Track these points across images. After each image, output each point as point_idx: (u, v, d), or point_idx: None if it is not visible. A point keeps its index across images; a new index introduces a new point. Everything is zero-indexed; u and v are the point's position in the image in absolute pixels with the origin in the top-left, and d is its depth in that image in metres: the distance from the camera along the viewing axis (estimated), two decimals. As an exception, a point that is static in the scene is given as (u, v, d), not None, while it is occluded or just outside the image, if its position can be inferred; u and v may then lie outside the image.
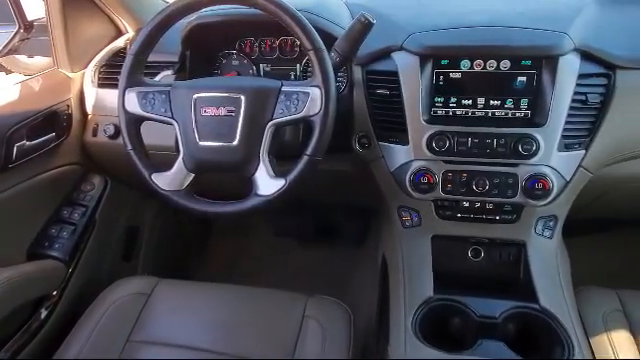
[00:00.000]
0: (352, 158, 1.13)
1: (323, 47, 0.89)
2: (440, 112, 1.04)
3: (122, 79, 0.96)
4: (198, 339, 1.00)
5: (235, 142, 0.91)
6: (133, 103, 0.95)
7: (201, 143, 0.92)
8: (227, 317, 1.05)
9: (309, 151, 0.89)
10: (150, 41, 0.96)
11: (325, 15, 1.08)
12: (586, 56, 0.99)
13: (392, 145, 1.07)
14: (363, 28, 0.95)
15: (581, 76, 0.97)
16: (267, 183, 0.91)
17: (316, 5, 1.10)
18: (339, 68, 1.02)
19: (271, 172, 0.91)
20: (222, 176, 1.01)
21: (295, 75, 1.22)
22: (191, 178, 0.96)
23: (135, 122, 0.97)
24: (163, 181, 0.96)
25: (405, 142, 1.05)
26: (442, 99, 1.03)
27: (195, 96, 0.92)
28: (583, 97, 0.98)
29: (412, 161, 1.04)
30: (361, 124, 1.09)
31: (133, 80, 0.96)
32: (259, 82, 0.97)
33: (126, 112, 0.96)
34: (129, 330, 1.03)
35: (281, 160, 0.95)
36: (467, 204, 1.05)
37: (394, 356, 0.89)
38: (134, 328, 1.03)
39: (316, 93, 0.88)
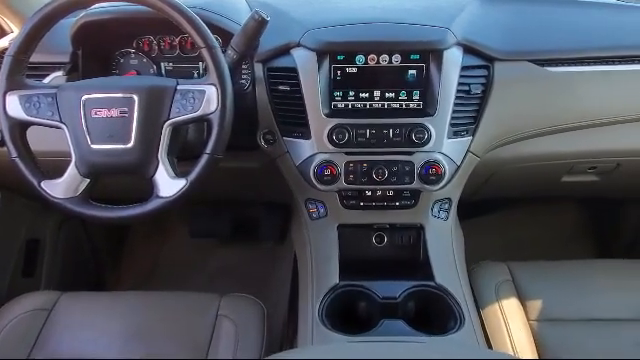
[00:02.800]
0: (259, 155, 1.14)
1: (215, 44, 0.89)
2: (340, 105, 1.07)
3: (0, 82, 0.90)
4: (106, 350, 0.97)
5: (130, 144, 0.88)
6: (15, 107, 0.90)
7: (94, 146, 0.89)
8: (137, 324, 1.02)
9: (209, 149, 0.89)
10: (30, 40, 0.91)
11: (220, 12, 1.07)
12: (468, 49, 1.07)
13: (296, 140, 1.09)
14: (257, 25, 0.96)
15: (464, 68, 1.05)
16: (168, 184, 0.90)
17: (210, 2, 1.09)
18: (237, 65, 1.02)
19: (171, 173, 0.90)
20: (124, 179, 0.97)
21: (198, 73, 1.20)
22: (86, 183, 0.92)
23: (19, 127, 0.91)
24: (56, 188, 0.91)
25: (308, 136, 1.07)
26: (341, 93, 1.07)
27: (84, 97, 0.89)
28: (467, 87, 1.06)
29: (315, 154, 1.07)
30: (265, 120, 1.10)
31: (14, 83, 0.90)
32: (153, 81, 0.95)
33: (8, 117, 0.90)
34: (29, 349, 0.97)
35: (186, 160, 0.94)
36: (369, 193, 1.10)
37: (302, 344, 0.92)
38: (34, 346, 0.98)
39: (212, 91, 0.88)
